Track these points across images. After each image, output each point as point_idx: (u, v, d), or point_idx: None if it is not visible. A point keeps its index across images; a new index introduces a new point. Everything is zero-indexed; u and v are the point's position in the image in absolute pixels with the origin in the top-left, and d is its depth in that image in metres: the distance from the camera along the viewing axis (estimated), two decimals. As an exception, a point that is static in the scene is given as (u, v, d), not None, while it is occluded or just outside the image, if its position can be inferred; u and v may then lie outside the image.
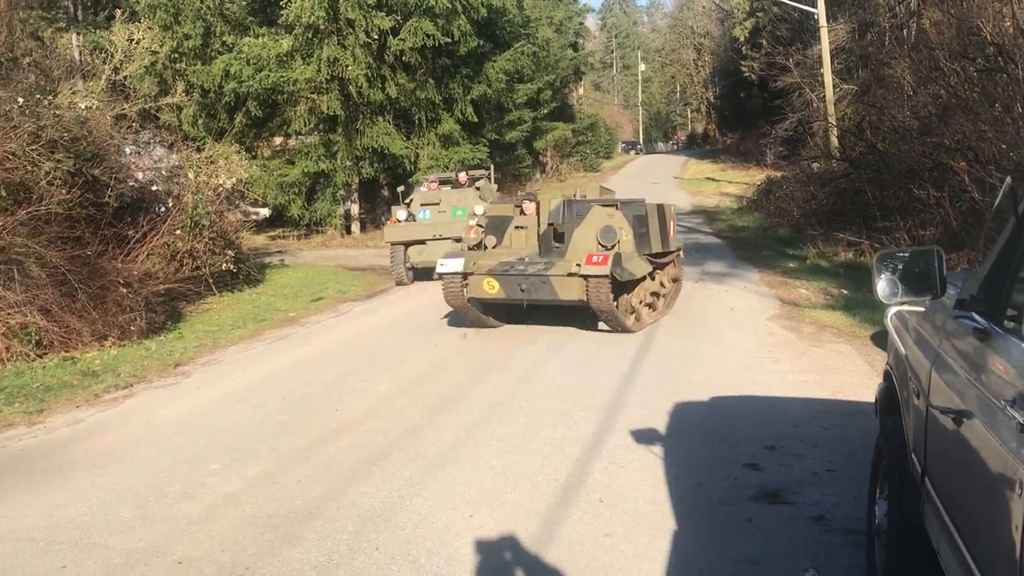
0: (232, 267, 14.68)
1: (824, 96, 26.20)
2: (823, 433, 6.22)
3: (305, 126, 22.35)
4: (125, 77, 17.54)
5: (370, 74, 21.15)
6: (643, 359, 8.75)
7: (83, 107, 13.84)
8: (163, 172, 15.42)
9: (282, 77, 20.55)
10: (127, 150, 16.90)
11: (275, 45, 20.61)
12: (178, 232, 13.95)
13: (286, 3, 20.20)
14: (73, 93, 15.46)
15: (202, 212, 14.32)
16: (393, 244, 15.10)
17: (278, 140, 24.78)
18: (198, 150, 17.49)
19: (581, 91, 60.63)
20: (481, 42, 23.48)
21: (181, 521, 4.97)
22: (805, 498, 5.04)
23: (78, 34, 26.77)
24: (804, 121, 30.40)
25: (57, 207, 11.56)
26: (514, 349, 9.43)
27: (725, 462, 5.66)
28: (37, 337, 9.85)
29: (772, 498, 5.05)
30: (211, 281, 14.09)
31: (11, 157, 11.74)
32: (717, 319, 10.84)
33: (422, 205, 15.22)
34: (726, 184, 35.24)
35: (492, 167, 17.97)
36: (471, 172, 16.77)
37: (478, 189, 15.55)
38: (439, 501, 5.13)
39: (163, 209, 14.87)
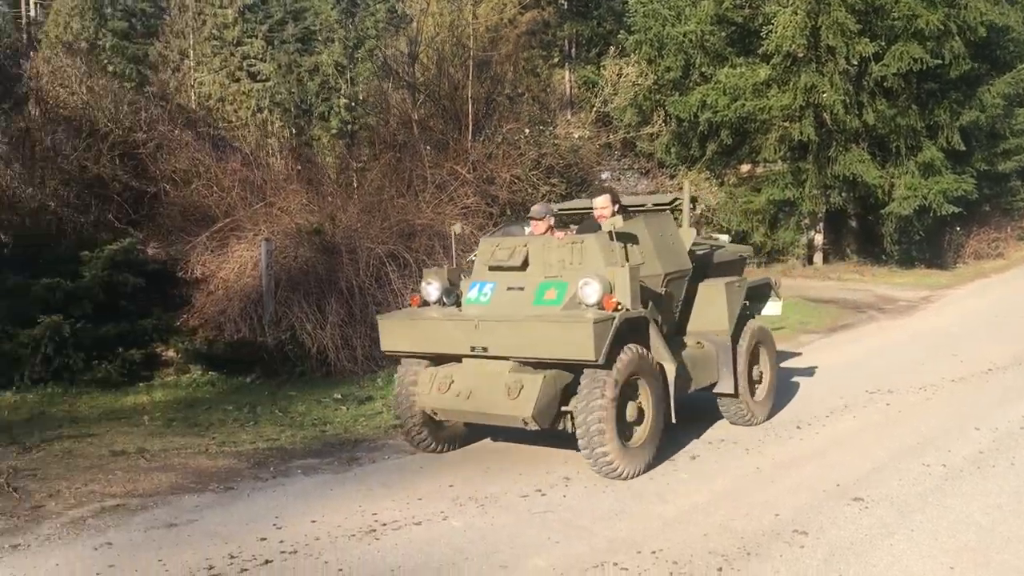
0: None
1: None
2: None
3: (774, 154, 22.31)
4: (611, 109, 19.06)
5: (847, 100, 20.52)
6: None
7: (576, 137, 15.41)
8: (640, 197, 16.42)
9: (757, 106, 20.78)
10: (604, 176, 18.39)
11: (752, 75, 20.91)
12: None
13: (767, 33, 20.39)
14: (568, 124, 17.25)
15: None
16: (395, 356, 7.22)
17: (745, 167, 25.07)
18: (671, 177, 18.43)
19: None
20: (976, 64, 21.55)
21: (656, 520, 5.37)
22: None
23: (571, 70, 29.63)
24: None
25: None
26: (998, 404, 8.58)
27: None
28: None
29: None
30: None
31: (516, 181, 13.49)
32: None
33: (490, 269, 6.86)
34: None
35: (694, 197, 8.97)
36: (623, 201, 7.61)
37: (618, 240, 6.47)
38: (914, 546, 4.91)
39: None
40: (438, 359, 6.77)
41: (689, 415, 7.10)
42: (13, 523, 5.50)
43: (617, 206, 7.20)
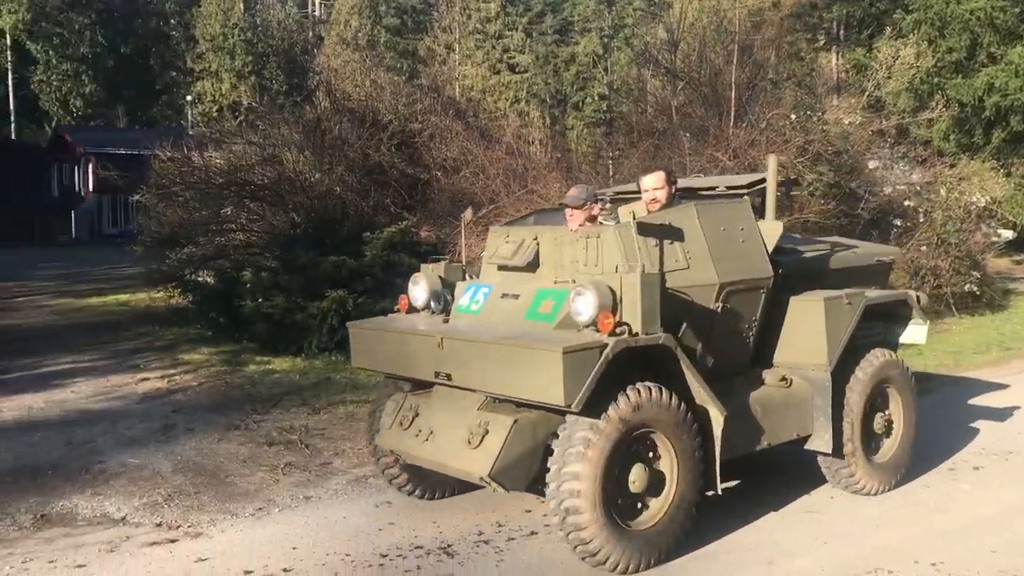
0: (976, 289, 14.05)
1: None
2: None
3: (1074, 142, 20.08)
4: (885, 93, 17.90)
5: None
6: None
7: (847, 123, 14.58)
8: (916, 187, 15.31)
9: (1057, 88, 18.79)
10: (872, 164, 17.26)
11: (1050, 54, 18.91)
12: (923, 248, 13.80)
13: (1070, 7, 18.36)
14: (836, 109, 16.37)
15: (951, 230, 13.93)
16: (371, 371, 6.47)
17: (1035, 157, 22.73)
18: (951, 166, 17.03)
19: None
20: None
21: (933, 530, 5.06)
22: None
23: (839, 53, 28.12)
24: None
25: (814, 216, 12.43)
26: None
27: None
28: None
29: None
30: (951, 301, 13.65)
31: (781, 168, 12.95)
32: None
33: (499, 269, 5.44)
34: None
35: (792, 179, 8.15)
36: (681, 179, 6.12)
37: (645, 233, 4.74)
38: None
39: (898, 223, 14.84)
40: (414, 383, 5.31)
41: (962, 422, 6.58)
42: (306, 477, 6.10)
43: (673, 187, 5.43)
